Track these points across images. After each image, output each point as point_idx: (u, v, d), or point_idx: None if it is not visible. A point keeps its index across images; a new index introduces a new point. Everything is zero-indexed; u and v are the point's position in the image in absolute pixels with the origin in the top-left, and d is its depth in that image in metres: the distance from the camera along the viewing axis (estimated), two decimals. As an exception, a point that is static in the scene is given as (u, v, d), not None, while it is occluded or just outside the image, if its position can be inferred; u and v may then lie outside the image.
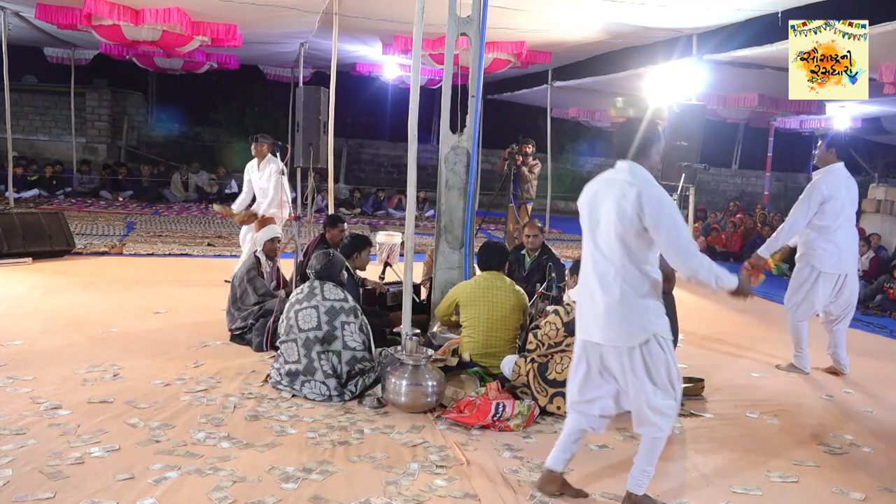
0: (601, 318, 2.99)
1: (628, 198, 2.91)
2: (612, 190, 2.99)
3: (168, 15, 8.28)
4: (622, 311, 2.95)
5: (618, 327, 2.96)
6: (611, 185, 3.02)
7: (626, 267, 2.95)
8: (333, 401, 4.19)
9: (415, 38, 4.79)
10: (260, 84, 17.47)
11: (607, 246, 2.99)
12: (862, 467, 3.76)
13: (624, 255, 2.95)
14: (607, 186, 3.04)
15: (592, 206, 3.07)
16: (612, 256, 2.97)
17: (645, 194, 2.90)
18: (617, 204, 2.94)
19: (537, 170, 10.11)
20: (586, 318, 3.08)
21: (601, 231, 3.02)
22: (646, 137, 3.06)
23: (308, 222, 8.52)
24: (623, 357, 2.97)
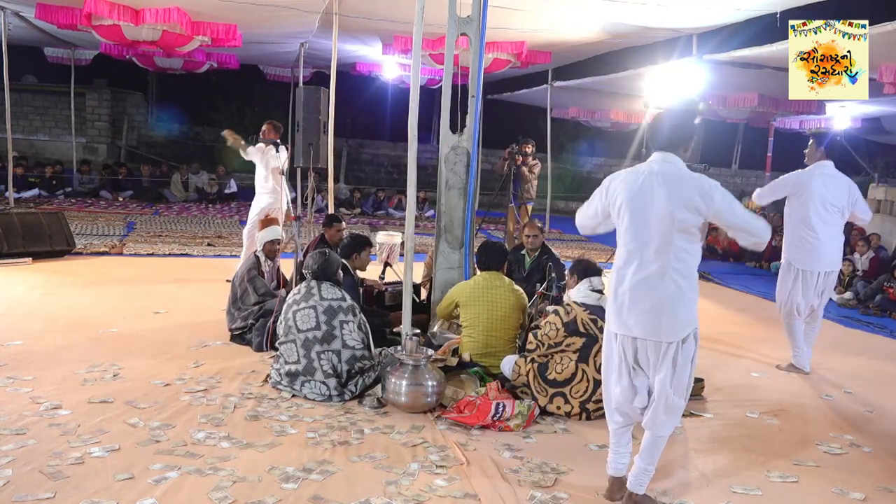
0: (647, 313, 2.95)
1: (689, 191, 2.90)
2: (665, 183, 2.94)
3: (168, 15, 8.28)
4: (674, 306, 2.93)
5: (667, 322, 2.94)
6: (660, 179, 2.96)
7: (679, 260, 2.94)
8: (333, 401, 4.19)
9: (415, 38, 4.79)
10: (260, 84, 17.48)
11: (659, 240, 2.94)
12: (862, 467, 3.76)
13: (679, 249, 2.93)
14: (655, 180, 2.97)
15: (637, 201, 2.99)
16: (664, 251, 2.94)
17: (705, 186, 2.92)
18: (674, 197, 2.91)
19: (537, 170, 10.12)
20: (626, 314, 3.01)
21: (652, 225, 2.95)
22: (686, 129, 3.06)
23: (308, 222, 8.53)
24: (661, 350, 2.97)
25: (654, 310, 2.94)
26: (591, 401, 4.12)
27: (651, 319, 2.95)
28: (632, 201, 3.00)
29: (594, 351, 4.14)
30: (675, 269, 2.94)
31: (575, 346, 4.16)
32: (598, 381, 4.11)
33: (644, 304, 2.96)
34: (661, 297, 2.93)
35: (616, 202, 3.05)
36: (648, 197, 2.96)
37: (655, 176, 2.98)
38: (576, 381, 4.14)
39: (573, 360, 4.15)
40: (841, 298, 8.61)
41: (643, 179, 2.99)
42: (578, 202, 17.94)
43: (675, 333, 2.95)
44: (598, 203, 3.16)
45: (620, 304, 3.03)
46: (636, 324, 2.98)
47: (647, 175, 3.00)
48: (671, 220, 2.91)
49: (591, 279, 4.41)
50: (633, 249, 3.01)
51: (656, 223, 2.94)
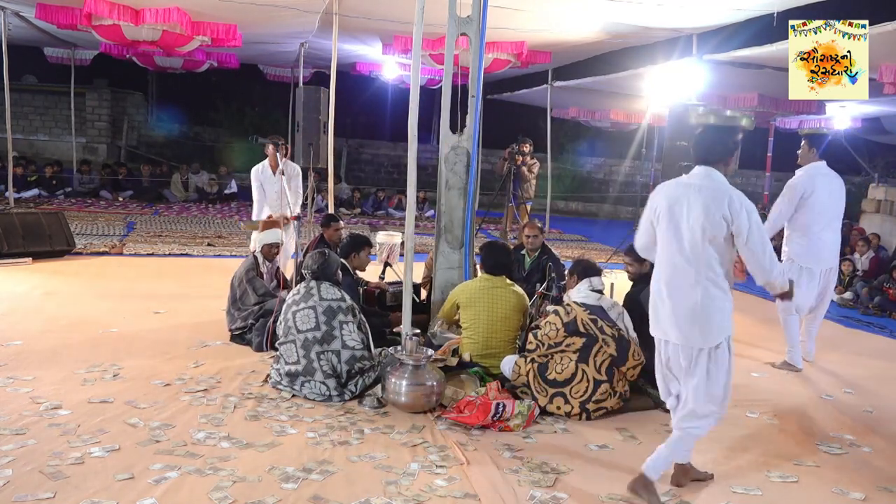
0: (680, 318, 3.10)
1: (720, 204, 3.04)
2: (701, 195, 3.10)
3: (168, 15, 8.28)
4: (705, 313, 3.07)
5: (698, 328, 3.08)
6: (697, 191, 3.12)
7: (710, 269, 3.08)
8: (333, 401, 4.19)
9: (415, 38, 4.79)
10: (260, 84, 17.48)
11: (692, 249, 3.10)
12: (862, 467, 3.76)
13: (710, 258, 3.07)
14: (692, 191, 3.13)
15: (674, 210, 3.15)
16: (696, 259, 3.09)
17: (736, 202, 3.06)
18: (707, 209, 3.06)
19: (536, 169, 10.13)
20: (662, 319, 3.19)
21: (685, 234, 3.11)
22: (726, 145, 3.22)
23: (308, 222, 8.53)
24: (693, 356, 3.11)
25: (687, 316, 3.09)
26: (591, 401, 4.13)
27: (684, 325, 3.10)
28: (669, 211, 3.17)
29: (594, 351, 4.15)
30: (707, 278, 3.08)
31: (575, 346, 4.16)
32: (598, 380, 4.13)
33: (678, 310, 3.11)
34: (693, 304, 3.08)
35: (656, 211, 3.23)
36: (684, 208, 3.12)
37: (693, 189, 3.14)
38: (576, 381, 4.14)
39: (573, 361, 4.15)
40: (841, 298, 8.61)
41: (682, 191, 3.17)
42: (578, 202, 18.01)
43: (706, 340, 3.08)
44: (645, 217, 3.33)
45: (656, 309, 3.21)
46: (671, 328, 3.15)
47: (685, 187, 3.17)
48: (702, 231, 3.06)
49: (591, 279, 4.41)
50: (669, 257, 3.17)
51: (689, 234, 3.10)
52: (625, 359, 4.18)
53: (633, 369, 4.25)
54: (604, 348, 4.15)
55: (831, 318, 7.64)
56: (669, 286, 3.15)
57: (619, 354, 4.17)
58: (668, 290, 3.15)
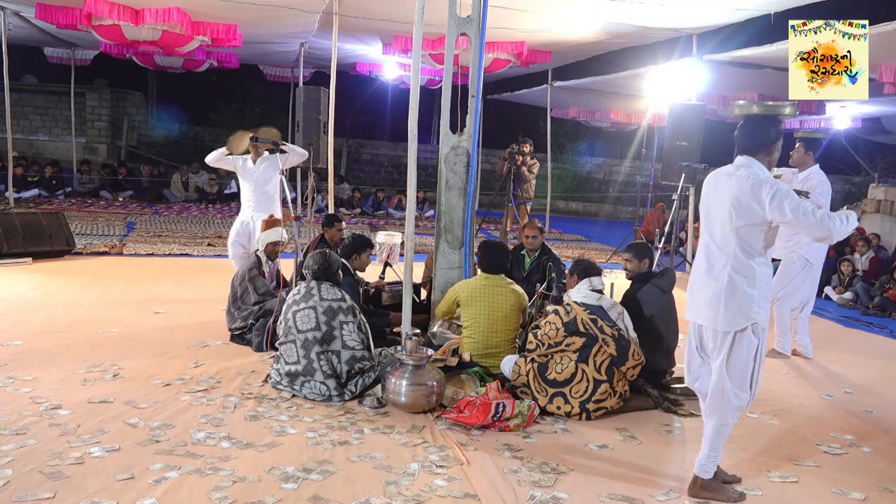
0: (707, 301, 3.19)
1: (754, 191, 3.07)
2: (729, 183, 3.16)
3: (168, 15, 8.28)
4: (727, 298, 3.13)
5: (721, 312, 3.15)
6: (728, 179, 3.19)
7: (736, 257, 3.14)
8: (333, 401, 4.19)
9: (415, 38, 4.80)
10: (260, 84, 17.49)
11: (721, 236, 3.18)
12: (862, 467, 3.76)
13: (736, 246, 3.13)
14: (725, 180, 3.20)
15: (709, 198, 3.26)
16: (724, 246, 3.16)
17: (768, 188, 3.06)
18: (738, 197, 3.10)
19: (536, 169, 10.13)
20: (694, 302, 3.29)
21: (716, 221, 3.20)
22: (766, 134, 3.23)
23: (308, 222, 8.53)
24: (717, 339, 3.19)
25: (713, 299, 3.17)
26: (591, 401, 4.13)
27: (710, 308, 3.18)
28: (707, 198, 3.29)
29: (594, 351, 4.15)
30: (732, 264, 3.14)
31: (575, 346, 4.16)
32: (598, 380, 4.13)
33: (706, 293, 3.20)
34: (719, 288, 3.15)
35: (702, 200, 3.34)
36: (718, 195, 3.20)
37: (730, 177, 3.20)
38: (575, 380, 4.14)
39: (573, 360, 4.15)
40: (841, 298, 8.62)
41: (720, 180, 3.24)
42: (578, 202, 18.02)
43: (729, 324, 3.14)
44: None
45: (690, 292, 3.32)
46: (700, 311, 3.25)
47: (725, 176, 3.24)
48: (730, 218, 3.12)
49: (591, 279, 4.41)
50: (705, 243, 3.28)
51: (719, 220, 3.18)
52: (625, 359, 4.18)
53: (633, 369, 4.25)
54: (604, 348, 4.15)
55: (831, 318, 7.65)
56: (703, 270, 3.25)
57: (619, 354, 4.17)
58: (702, 274, 3.25)
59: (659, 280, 4.83)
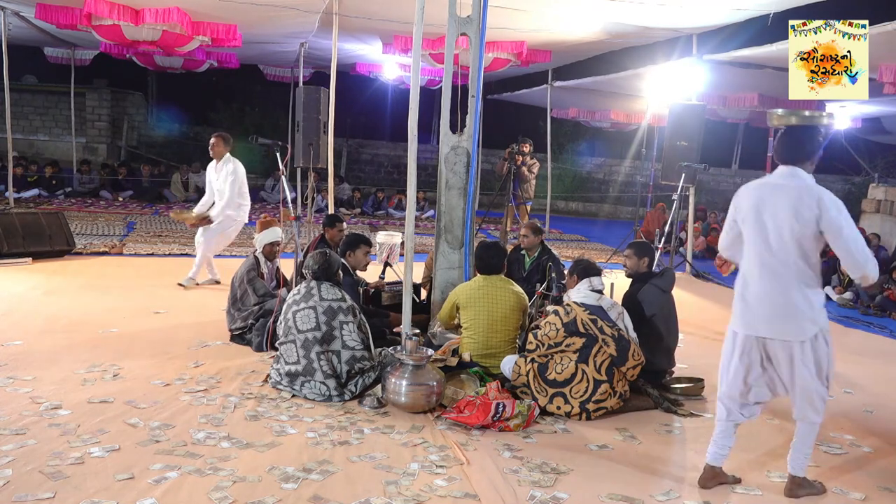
0: (772, 314, 3.19)
1: (809, 203, 3.10)
2: (787, 194, 3.17)
3: (168, 15, 8.28)
4: (796, 308, 3.16)
5: (791, 323, 3.17)
6: (782, 190, 3.20)
7: (798, 266, 3.16)
8: (333, 401, 4.19)
9: (415, 38, 4.80)
10: (260, 84, 17.50)
11: (780, 247, 3.18)
12: (862, 467, 3.76)
13: (798, 256, 3.16)
14: (778, 191, 3.21)
15: (760, 210, 3.23)
16: (785, 257, 3.17)
17: (825, 200, 3.09)
18: (794, 208, 3.12)
19: (536, 169, 10.13)
20: (752, 315, 3.24)
21: (772, 233, 3.19)
22: (810, 144, 3.24)
23: (308, 222, 8.52)
24: (793, 350, 3.19)
25: (780, 313, 3.18)
26: (591, 401, 4.12)
27: (777, 321, 3.19)
28: (756, 211, 3.24)
29: (594, 351, 4.15)
30: (795, 275, 3.18)
31: (575, 347, 4.16)
32: (598, 381, 4.13)
33: (771, 307, 3.20)
34: (785, 301, 3.17)
35: (742, 211, 3.31)
36: (771, 208, 3.20)
37: (779, 188, 3.21)
38: (576, 381, 4.14)
39: (573, 361, 4.15)
40: (841, 298, 8.62)
41: (767, 191, 3.24)
42: (578, 202, 17.99)
43: (800, 333, 3.18)
44: (729, 216, 3.40)
45: (746, 306, 3.27)
46: (764, 325, 3.22)
47: (771, 187, 3.24)
48: (790, 230, 3.14)
49: (591, 279, 4.41)
50: (758, 256, 3.24)
51: (776, 233, 3.18)
52: (625, 359, 4.18)
53: (633, 369, 4.25)
54: (604, 348, 4.15)
55: (831, 318, 7.63)
56: (760, 284, 3.23)
57: (619, 354, 4.17)
58: (759, 288, 3.23)
59: (658, 280, 4.83)
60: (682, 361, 5.30)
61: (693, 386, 4.73)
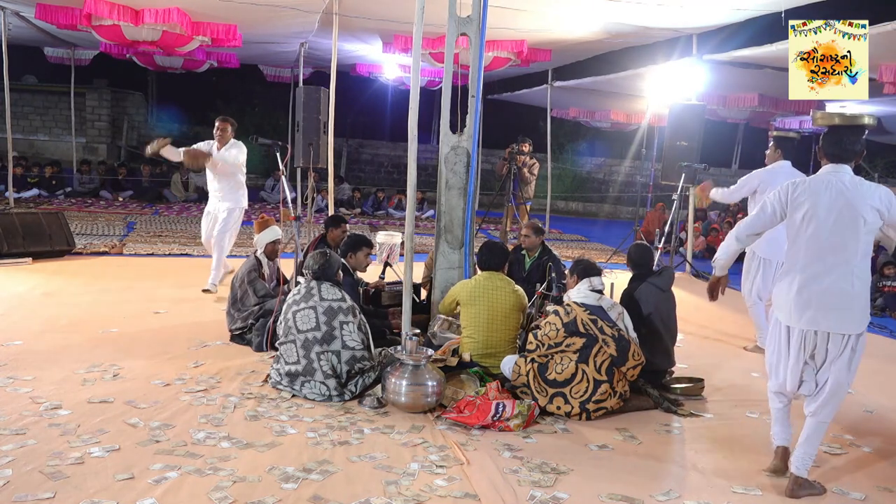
0: (836, 307, 3.25)
1: (869, 197, 3.22)
2: (845, 191, 3.25)
3: (168, 15, 8.28)
4: (859, 302, 3.27)
5: (853, 316, 3.26)
6: (830, 187, 3.28)
7: (858, 262, 3.26)
8: (333, 401, 4.19)
9: (415, 38, 4.80)
10: (260, 84, 17.50)
11: (842, 243, 3.24)
12: (862, 467, 3.76)
13: (858, 252, 3.25)
14: (826, 187, 3.29)
15: (817, 206, 3.28)
16: (845, 252, 3.24)
17: (885, 194, 3.22)
18: (854, 204, 3.22)
19: (536, 169, 10.13)
20: (812, 310, 3.28)
21: (836, 231, 3.25)
22: (859, 143, 3.36)
23: (308, 222, 8.53)
24: (841, 343, 3.27)
25: (839, 305, 3.25)
26: (591, 401, 4.12)
27: (834, 314, 3.25)
28: (817, 207, 3.29)
29: (594, 351, 4.15)
30: (854, 271, 3.26)
31: (575, 347, 4.16)
32: (598, 381, 4.13)
33: (830, 299, 3.25)
34: (845, 294, 3.25)
35: (802, 209, 3.33)
36: (835, 205, 3.26)
37: (836, 185, 3.29)
38: (576, 381, 4.14)
39: (573, 361, 4.15)
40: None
41: (827, 189, 3.30)
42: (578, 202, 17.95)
43: (858, 326, 3.28)
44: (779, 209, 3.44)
45: (806, 301, 3.30)
46: (822, 317, 3.27)
47: (828, 185, 3.30)
48: (855, 226, 3.22)
49: (591, 279, 4.41)
50: (815, 250, 3.30)
51: (840, 229, 3.24)
52: (625, 359, 4.18)
53: (634, 369, 4.25)
54: (604, 348, 4.15)
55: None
56: (817, 278, 3.28)
57: (619, 355, 4.17)
58: (816, 282, 3.28)
59: (657, 279, 4.83)
60: (682, 361, 5.31)
61: (693, 386, 4.73)
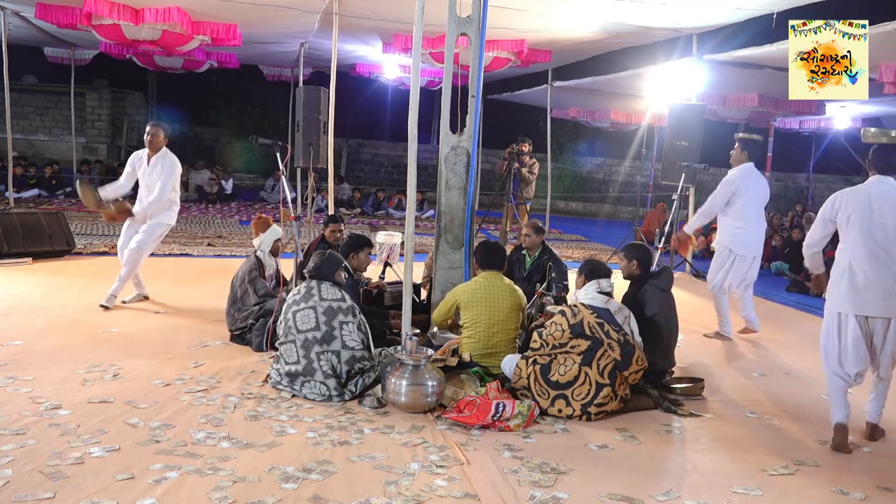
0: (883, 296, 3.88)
1: None
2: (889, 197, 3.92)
3: (168, 14, 8.28)
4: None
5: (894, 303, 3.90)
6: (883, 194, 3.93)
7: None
8: (333, 401, 4.19)
9: (415, 38, 4.79)
10: (260, 84, 17.50)
11: (885, 239, 3.88)
12: (862, 467, 3.76)
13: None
14: (880, 195, 3.93)
15: (864, 210, 3.92)
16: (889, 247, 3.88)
17: None
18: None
19: (536, 169, 10.13)
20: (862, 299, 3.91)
21: (878, 228, 3.89)
22: None
23: (308, 222, 8.53)
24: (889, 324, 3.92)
25: (887, 293, 3.87)
26: (593, 404, 4.11)
27: (886, 301, 3.89)
28: (859, 211, 3.93)
29: (598, 354, 4.13)
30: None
31: (580, 349, 4.14)
32: (601, 384, 4.12)
33: (882, 289, 3.88)
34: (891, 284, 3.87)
35: (845, 213, 3.98)
36: (878, 209, 3.90)
37: (881, 193, 3.95)
38: (578, 383, 4.13)
39: (577, 363, 4.14)
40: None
41: (870, 198, 3.95)
42: (578, 202, 17.95)
43: None
44: (827, 218, 4.08)
45: (858, 291, 3.92)
46: (874, 305, 3.90)
47: (872, 193, 3.96)
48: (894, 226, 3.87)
49: (599, 281, 4.39)
50: (865, 247, 3.91)
51: (882, 227, 3.88)
52: (628, 364, 4.17)
53: (636, 374, 4.24)
54: (608, 352, 4.13)
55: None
56: (870, 271, 3.88)
57: (623, 359, 4.15)
58: (870, 275, 3.88)
59: (657, 280, 4.83)
60: (682, 361, 5.31)
61: (693, 386, 4.72)
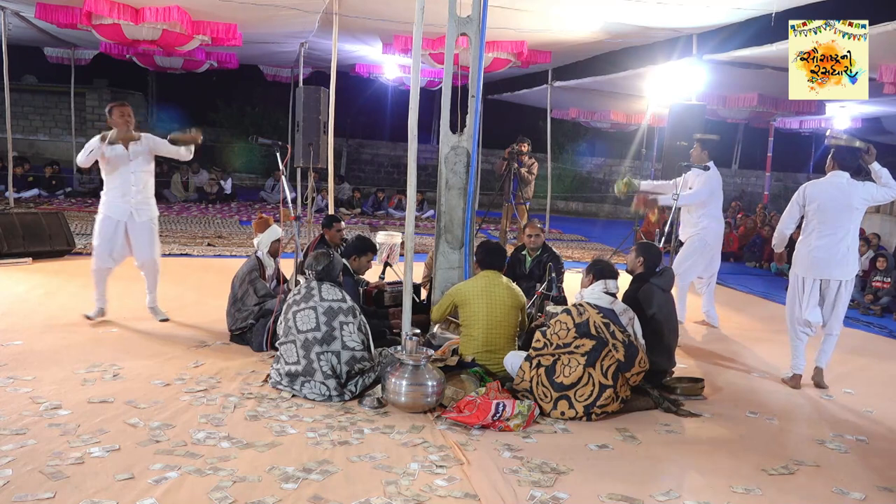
0: (838, 262, 4.91)
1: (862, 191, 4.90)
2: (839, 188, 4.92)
3: (168, 14, 8.28)
4: (851, 258, 4.97)
5: (842, 268, 4.95)
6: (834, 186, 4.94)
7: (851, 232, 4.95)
8: (333, 401, 4.19)
9: (415, 38, 4.79)
10: (260, 84, 17.48)
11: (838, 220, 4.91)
12: (862, 467, 3.76)
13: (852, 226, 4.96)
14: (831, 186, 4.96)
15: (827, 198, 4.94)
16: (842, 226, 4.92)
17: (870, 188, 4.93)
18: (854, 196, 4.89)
19: (536, 169, 10.14)
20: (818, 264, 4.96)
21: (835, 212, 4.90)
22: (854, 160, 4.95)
23: (308, 222, 8.52)
24: (838, 286, 4.97)
25: (844, 260, 4.92)
26: (596, 405, 4.11)
27: (835, 266, 4.93)
28: (821, 198, 4.94)
29: (602, 355, 4.12)
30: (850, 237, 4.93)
31: (584, 349, 4.13)
32: (604, 385, 4.11)
33: (836, 256, 4.90)
34: (845, 253, 4.92)
35: (813, 201, 4.98)
36: (836, 196, 4.89)
37: (837, 185, 4.93)
38: (581, 384, 4.12)
39: (581, 364, 4.12)
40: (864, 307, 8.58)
41: (830, 188, 4.94)
42: (578, 202, 17.95)
43: (848, 274, 4.98)
44: (797, 204, 5.08)
45: (815, 260, 4.95)
46: (825, 269, 4.94)
47: (831, 185, 4.95)
48: (850, 209, 4.88)
49: (605, 281, 4.37)
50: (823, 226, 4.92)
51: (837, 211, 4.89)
52: (631, 365, 4.16)
53: (637, 375, 4.24)
54: (612, 353, 4.13)
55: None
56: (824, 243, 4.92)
57: (627, 361, 4.14)
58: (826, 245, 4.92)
59: (658, 279, 4.83)
60: (681, 362, 5.31)
61: (693, 386, 4.72)
